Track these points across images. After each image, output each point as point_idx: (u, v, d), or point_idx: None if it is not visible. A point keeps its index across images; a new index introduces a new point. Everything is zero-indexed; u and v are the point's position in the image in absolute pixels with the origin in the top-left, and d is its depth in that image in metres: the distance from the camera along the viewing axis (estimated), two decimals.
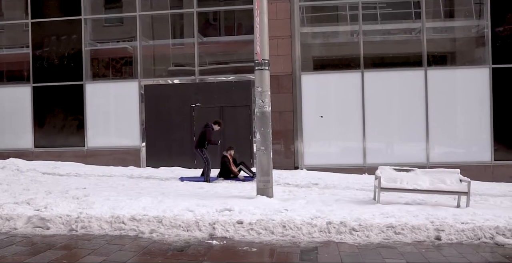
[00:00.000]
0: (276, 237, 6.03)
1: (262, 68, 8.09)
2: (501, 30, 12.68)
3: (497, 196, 9.72)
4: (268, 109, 8.13)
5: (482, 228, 6.18)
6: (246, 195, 8.41)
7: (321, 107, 12.94)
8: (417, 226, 6.24)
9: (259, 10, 8.13)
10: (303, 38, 13.23)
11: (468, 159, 12.47)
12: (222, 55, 14.14)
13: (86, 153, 13.76)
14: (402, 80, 12.76)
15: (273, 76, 10.37)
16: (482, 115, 12.61)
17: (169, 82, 13.75)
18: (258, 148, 8.13)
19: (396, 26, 13.51)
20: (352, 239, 5.98)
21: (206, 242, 5.87)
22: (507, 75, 12.54)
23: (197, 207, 7.05)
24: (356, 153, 12.74)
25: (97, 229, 6.31)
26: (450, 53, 13.59)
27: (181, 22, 14.35)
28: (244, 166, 11.19)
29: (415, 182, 8.04)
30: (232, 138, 13.05)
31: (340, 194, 9.00)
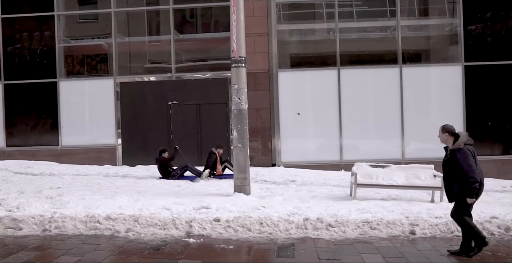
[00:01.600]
0: (253, 234, 6.04)
1: (238, 66, 8.07)
2: (473, 29, 12.94)
3: None
4: (245, 106, 8.13)
5: (455, 222, 6.30)
6: (223, 192, 8.39)
7: (298, 104, 12.99)
8: (392, 221, 6.34)
9: (236, 8, 8.11)
10: (280, 35, 13.25)
11: (442, 154, 12.58)
12: (199, 52, 14.05)
13: (60, 151, 13.50)
14: (378, 77, 12.91)
15: (250, 74, 10.35)
16: (455, 112, 12.85)
17: (145, 79, 13.59)
18: (235, 145, 8.12)
19: (372, 24, 13.66)
20: (329, 235, 6.04)
21: (183, 240, 5.84)
22: (479, 72, 12.81)
23: (174, 205, 7.00)
24: (333, 150, 12.84)
25: (71, 229, 6.21)
26: (425, 51, 13.81)
27: (157, 19, 14.20)
28: (229, 163, 11.13)
29: (390, 177, 8.16)
30: (209, 135, 13.00)
31: (317, 191, 9.06)
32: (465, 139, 5.20)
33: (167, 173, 10.73)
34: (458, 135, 5.24)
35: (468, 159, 5.07)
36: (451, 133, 5.28)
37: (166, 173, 10.73)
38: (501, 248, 5.58)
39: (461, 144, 5.15)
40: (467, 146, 5.17)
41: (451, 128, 5.31)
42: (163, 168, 10.76)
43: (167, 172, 10.74)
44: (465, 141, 5.18)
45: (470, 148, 5.19)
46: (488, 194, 9.59)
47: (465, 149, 5.13)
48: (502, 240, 5.95)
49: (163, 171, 10.76)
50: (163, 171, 10.76)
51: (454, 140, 5.23)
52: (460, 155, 5.10)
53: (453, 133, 5.28)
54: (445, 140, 5.32)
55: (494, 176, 12.23)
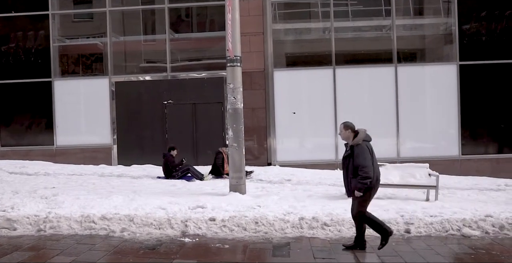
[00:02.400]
0: (249, 234, 6.04)
1: (234, 65, 8.07)
2: (467, 28, 12.98)
3: (464, 189, 9.98)
4: (240, 106, 8.13)
5: (450, 221, 6.35)
6: (219, 192, 8.38)
7: (294, 103, 12.99)
8: (388, 220, 6.35)
9: (231, 7, 8.10)
10: (276, 34, 13.24)
11: (437, 153, 12.74)
12: (194, 51, 14.03)
13: (55, 151, 13.45)
14: (373, 76, 12.93)
15: (245, 73, 10.34)
16: (450, 111, 12.90)
17: (141, 79, 13.56)
18: (231, 145, 8.11)
19: (367, 23, 13.67)
20: (324, 234, 6.05)
21: (178, 239, 5.83)
22: (474, 72, 12.86)
23: (169, 205, 6.99)
24: (329, 149, 12.85)
25: (66, 229, 6.19)
26: (420, 50, 13.84)
27: (152, 18, 14.17)
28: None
29: (386, 176, 8.15)
30: (204, 134, 12.99)
31: (313, 190, 9.08)
32: (364, 135, 5.30)
33: (169, 171, 10.68)
34: (358, 131, 5.35)
35: (365, 155, 5.18)
36: (353, 130, 5.38)
37: (169, 171, 10.68)
38: (495, 247, 5.61)
39: (359, 140, 5.25)
40: (365, 142, 5.28)
41: (353, 126, 5.43)
42: (167, 166, 10.71)
43: (169, 171, 10.69)
44: (364, 137, 5.29)
45: (368, 144, 5.30)
46: (483, 192, 9.65)
47: (364, 145, 5.23)
48: (496, 238, 5.98)
49: (167, 169, 10.71)
50: (167, 169, 10.71)
51: (354, 137, 5.32)
52: (358, 150, 5.20)
53: (354, 129, 5.38)
54: (347, 136, 5.39)
55: (489, 174, 12.31)
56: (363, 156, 5.17)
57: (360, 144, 5.23)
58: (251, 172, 10.89)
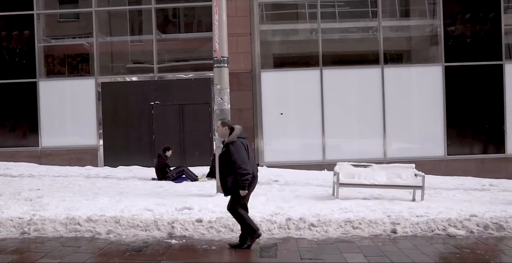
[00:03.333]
0: (236, 235, 6.00)
1: (221, 66, 8.06)
2: (452, 30, 13.12)
3: (450, 189, 10.09)
4: (227, 106, 8.12)
5: (436, 221, 6.40)
6: (205, 193, 8.36)
7: (281, 104, 13.00)
8: (374, 220, 6.39)
9: (218, 7, 8.09)
10: (263, 35, 13.25)
11: (423, 154, 12.85)
12: (182, 52, 13.98)
13: (40, 153, 13.29)
14: (360, 77, 13.00)
15: (232, 74, 10.33)
16: (436, 111, 13.02)
17: (127, 79, 13.47)
18: (218, 146, 8.09)
19: (354, 24, 13.76)
20: (311, 235, 6.06)
21: (165, 241, 5.80)
22: (459, 73, 13.00)
23: (156, 206, 6.95)
24: (316, 150, 12.89)
25: (51, 231, 6.12)
26: (406, 52, 13.97)
27: (139, 18, 14.08)
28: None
29: (372, 177, 8.22)
30: (192, 135, 12.94)
31: (300, 191, 9.09)
32: (239, 132, 5.31)
33: (164, 173, 10.50)
34: (234, 128, 5.35)
35: (241, 152, 5.18)
36: (229, 127, 5.37)
37: (163, 173, 10.50)
38: (480, 246, 5.67)
39: (234, 137, 5.25)
40: (241, 139, 5.29)
41: (230, 123, 5.45)
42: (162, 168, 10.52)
43: (164, 172, 10.51)
44: (239, 134, 5.29)
45: (243, 141, 5.32)
46: (468, 192, 9.76)
47: (239, 142, 5.24)
48: (481, 237, 6.04)
49: (160, 170, 10.51)
50: (160, 170, 10.51)
51: (230, 134, 5.33)
52: (234, 147, 5.19)
53: (231, 126, 5.38)
54: (223, 133, 5.39)
55: (474, 174, 12.46)
56: (239, 153, 5.16)
57: (235, 141, 5.22)
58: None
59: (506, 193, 9.68)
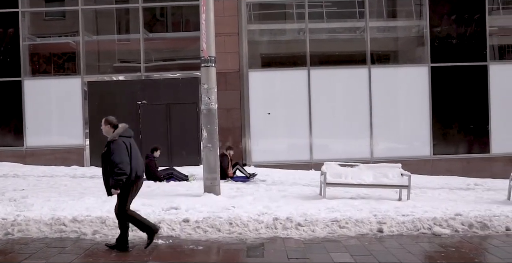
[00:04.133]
0: (223, 235, 6.01)
1: (208, 65, 8.04)
2: (438, 31, 13.25)
3: (436, 188, 10.20)
4: (214, 106, 8.10)
5: (421, 220, 6.46)
6: (193, 193, 8.33)
7: (269, 104, 13.01)
8: (361, 220, 6.43)
9: (205, 7, 8.07)
10: (251, 35, 13.24)
11: (410, 153, 12.95)
12: (169, 51, 13.92)
13: (25, 152, 13.11)
14: (347, 77, 13.06)
15: (220, 73, 10.31)
16: (423, 112, 13.14)
17: (114, 79, 13.36)
18: (205, 146, 8.08)
19: (341, 25, 13.83)
20: (298, 234, 6.07)
21: None
22: (445, 73, 13.13)
23: (142, 206, 6.90)
24: (303, 149, 12.92)
25: (35, 232, 6.04)
26: (393, 52, 14.08)
27: (126, 17, 13.98)
28: (241, 166, 10.77)
29: (359, 176, 8.27)
30: (179, 135, 12.88)
31: (287, 190, 9.11)
32: (122, 130, 5.20)
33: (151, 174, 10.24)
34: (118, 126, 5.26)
35: (121, 151, 5.06)
36: (113, 125, 5.24)
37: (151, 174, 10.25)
38: (464, 244, 5.73)
39: (115, 136, 5.13)
40: (124, 138, 5.18)
41: (113, 121, 5.28)
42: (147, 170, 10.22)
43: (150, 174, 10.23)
44: (121, 133, 5.17)
45: (126, 140, 5.20)
46: (454, 191, 9.88)
47: (120, 141, 5.11)
48: (465, 236, 6.11)
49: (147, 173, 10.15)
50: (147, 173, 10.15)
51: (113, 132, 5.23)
52: (114, 146, 5.08)
53: (115, 124, 5.25)
54: (107, 131, 5.25)
55: (459, 174, 12.61)
56: (118, 152, 5.04)
57: (117, 139, 5.10)
58: (254, 174, 10.70)
59: (490, 192, 9.82)
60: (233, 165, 10.79)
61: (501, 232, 6.31)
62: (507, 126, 13.27)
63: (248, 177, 10.54)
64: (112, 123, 5.24)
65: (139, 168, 5.29)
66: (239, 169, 10.75)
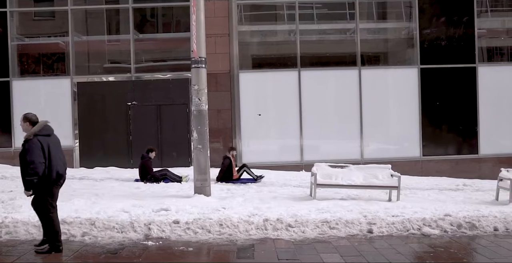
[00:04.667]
0: (213, 236, 6.00)
1: (198, 66, 8.02)
2: (428, 33, 13.36)
3: (425, 189, 10.27)
4: (205, 107, 8.08)
5: (411, 220, 6.50)
6: (183, 194, 8.30)
7: (259, 105, 13.03)
8: (351, 221, 6.45)
9: (196, 8, 8.06)
10: (241, 36, 13.24)
11: (400, 154, 13.04)
12: (160, 52, 13.87)
13: (13, 154, 12.95)
14: (337, 79, 13.12)
15: (211, 74, 10.30)
16: (412, 113, 13.23)
17: (104, 79, 13.28)
18: (195, 147, 8.06)
19: (332, 26, 13.87)
20: (288, 235, 6.07)
21: (141, 243, 5.73)
22: (434, 75, 13.24)
23: (132, 208, 6.87)
24: (294, 150, 12.95)
25: (23, 234, 5.98)
26: (383, 54, 14.15)
27: (117, 18, 13.90)
28: (248, 168, 10.67)
29: (349, 177, 8.30)
30: (169, 136, 12.84)
31: (278, 191, 9.12)
32: (38, 129, 4.94)
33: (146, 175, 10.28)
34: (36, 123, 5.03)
35: (34, 151, 4.82)
36: (31, 122, 5.00)
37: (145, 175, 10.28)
38: (453, 245, 5.77)
39: (30, 135, 4.90)
40: (41, 136, 4.93)
41: (33, 118, 5.04)
42: (144, 171, 10.33)
43: (146, 174, 10.28)
44: (37, 131, 4.92)
45: (43, 138, 4.94)
46: (443, 192, 9.95)
47: (35, 140, 4.87)
48: (454, 236, 6.16)
49: (143, 173, 10.32)
50: (143, 173, 10.32)
51: None
52: (28, 146, 4.86)
53: (34, 122, 5.01)
54: (25, 129, 5.02)
55: (449, 175, 12.72)
56: (31, 151, 4.80)
57: (31, 139, 4.87)
58: (261, 176, 10.68)
59: (479, 193, 9.91)
60: (240, 167, 10.72)
61: (489, 232, 6.38)
62: (495, 127, 13.42)
63: (256, 179, 10.49)
64: (31, 120, 4.99)
65: (60, 167, 5.07)
66: (246, 170, 10.62)
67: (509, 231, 6.43)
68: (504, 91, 13.48)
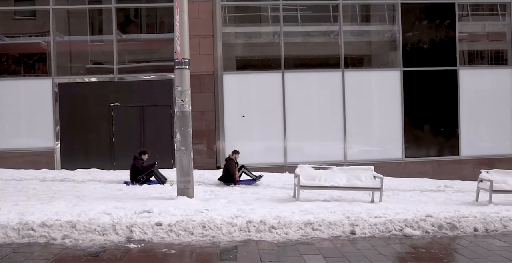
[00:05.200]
0: (196, 238, 5.96)
1: (182, 67, 7.98)
2: (410, 36, 13.51)
3: (407, 190, 10.38)
4: (188, 109, 8.04)
5: (393, 222, 6.55)
6: (166, 196, 8.25)
7: (243, 107, 13.01)
8: (334, 222, 6.47)
9: (179, 9, 8.01)
10: (226, 38, 13.23)
11: (383, 156, 13.15)
12: (143, 53, 13.77)
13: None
14: (321, 81, 13.19)
15: (194, 76, 10.28)
16: (395, 115, 13.36)
17: (86, 80, 13.13)
18: (179, 148, 8.01)
19: (316, 28, 13.95)
20: (272, 237, 6.06)
21: (123, 245, 5.67)
22: (416, 78, 13.40)
23: (114, 210, 6.79)
24: (278, 152, 12.96)
25: (2, 237, 5.86)
26: (366, 56, 14.28)
27: (99, 18, 13.77)
28: (246, 169, 10.72)
29: (332, 179, 8.34)
30: (153, 138, 12.75)
31: (261, 193, 9.12)
32: None
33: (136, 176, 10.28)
34: None
35: None
36: None
37: (136, 176, 10.28)
38: (434, 245, 5.83)
39: None
40: None
41: None
42: (135, 171, 10.33)
43: (137, 175, 10.28)
44: None
45: None
46: (424, 193, 10.07)
47: None
48: (435, 237, 6.23)
49: (134, 174, 10.32)
50: (134, 174, 10.32)
51: None
52: None
53: None
54: None
55: (430, 176, 12.89)
56: None
57: None
58: (260, 176, 10.72)
59: (459, 194, 10.05)
60: (239, 168, 10.74)
61: (469, 232, 6.46)
62: (476, 129, 13.64)
63: (255, 179, 10.56)
64: None
65: None
66: (244, 171, 10.71)
67: (489, 231, 6.53)
68: (484, 94, 13.72)
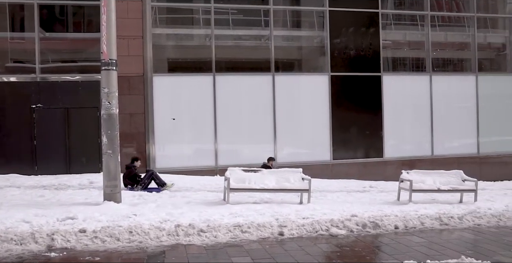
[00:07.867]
0: (122, 244, 5.79)
1: (109, 69, 7.73)
2: (338, 42, 14.01)
3: (335, 191, 10.73)
4: (115, 111, 7.80)
5: (320, 222, 6.75)
6: (92, 201, 7.94)
7: (174, 109, 12.83)
8: (263, 224, 6.56)
9: (106, 8, 7.77)
10: (156, 39, 12.98)
11: (312, 158, 13.50)
12: (69, 52, 13.18)
13: None
14: (252, 84, 13.31)
15: (123, 77, 9.99)
16: (323, 118, 13.77)
17: (5, 80, 12.34)
18: (105, 152, 7.74)
19: (247, 32, 14.08)
20: (200, 240, 6.03)
21: (43, 255, 5.39)
22: (343, 82, 13.92)
23: (35, 218, 6.45)
24: (209, 155, 12.90)
25: None
26: (296, 60, 14.62)
27: (21, 14, 12.99)
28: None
29: (262, 181, 8.44)
30: (78, 141, 12.21)
31: (192, 196, 9.05)
32: None
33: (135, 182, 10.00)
34: None
35: None
36: None
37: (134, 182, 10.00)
38: (358, 244, 6.07)
39: None
40: None
41: None
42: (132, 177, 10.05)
43: (135, 180, 10.01)
44: None
45: None
46: (351, 194, 10.45)
47: None
48: (359, 236, 6.48)
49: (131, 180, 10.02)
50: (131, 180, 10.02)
51: None
52: None
53: None
54: None
55: (357, 177, 13.40)
56: None
57: None
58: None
59: (383, 194, 10.55)
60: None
61: (390, 230, 6.80)
62: (398, 132, 14.40)
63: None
64: None
65: None
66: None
67: (408, 229, 6.91)
68: (406, 99, 14.51)
